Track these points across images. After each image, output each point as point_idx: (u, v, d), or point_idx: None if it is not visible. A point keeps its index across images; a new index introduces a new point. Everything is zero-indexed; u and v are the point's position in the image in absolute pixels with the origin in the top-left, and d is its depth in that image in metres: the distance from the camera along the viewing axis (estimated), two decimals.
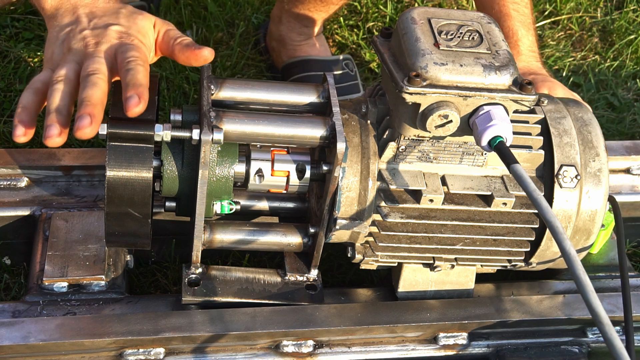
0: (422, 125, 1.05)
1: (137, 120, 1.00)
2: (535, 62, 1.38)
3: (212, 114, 1.04)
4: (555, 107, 1.19)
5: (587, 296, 0.87)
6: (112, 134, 1.00)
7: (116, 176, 1.01)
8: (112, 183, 1.02)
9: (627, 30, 1.99)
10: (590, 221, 1.16)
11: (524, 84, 1.04)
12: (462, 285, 1.22)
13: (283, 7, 1.69)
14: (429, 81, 1.02)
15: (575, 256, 0.90)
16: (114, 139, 1.00)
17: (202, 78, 1.09)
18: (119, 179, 1.01)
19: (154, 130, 1.01)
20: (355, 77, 1.73)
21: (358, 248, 1.16)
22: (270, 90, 1.12)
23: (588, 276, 0.89)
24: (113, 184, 1.02)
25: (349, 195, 1.11)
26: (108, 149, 1.00)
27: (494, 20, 1.12)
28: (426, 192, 1.10)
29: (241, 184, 1.12)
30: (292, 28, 1.71)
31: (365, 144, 1.11)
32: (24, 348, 1.08)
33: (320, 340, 1.16)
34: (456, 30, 1.07)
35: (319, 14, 1.67)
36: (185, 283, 1.16)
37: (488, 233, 1.15)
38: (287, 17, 1.70)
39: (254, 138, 1.08)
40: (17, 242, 1.31)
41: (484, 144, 1.01)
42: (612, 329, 0.86)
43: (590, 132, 1.17)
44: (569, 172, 1.14)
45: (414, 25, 1.07)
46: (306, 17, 1.68)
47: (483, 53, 1.05)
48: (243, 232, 1.16)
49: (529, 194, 0.96)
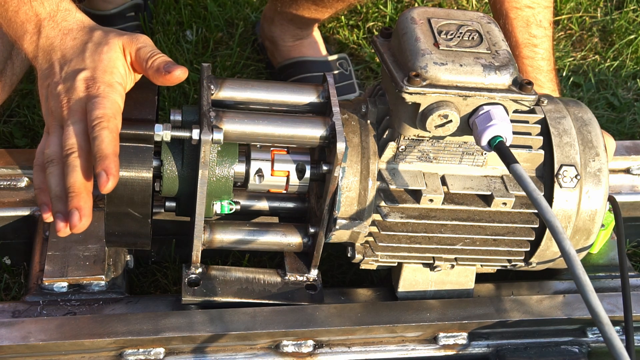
0: (422, 125, 1.05)
1: (137, 121, 1.00)
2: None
3: (212, 113, 1.04)
4: (555, 107, 1.19)
5: (587, 296, 0.87)
6: None
7: None
8: None
9: (627, 30, 1.99)
10: (590, 221, 1.16)
11: (524, 84, 1.04)
12: (462, 285, 1.22)
13: (276, 8, 1.66)
14: (428, 81, 1.02)
15: (575, 256, 0.90)
16: None
17: (202, 78, 1.09)
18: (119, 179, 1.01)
19: (154, 130, 1.01)
20: (350, 76, 1.73)
21: (358, 248, 1.16)
22: (270, 90, 1.12)
23: (588, 276, 0.89)
24: None
25: (348, 195, 1.11)
26: None
27: (494, 20, 1.12)
28: (426, 192, 1.10)
29: (241, 184, 1.12)
30: (285, 30, 1.69)
31: (365, 144, 1.11)
32: (24, 348, 1.08)
33: (320, 340, 1.16)
34: (456, 30, 1.08)
35: (312, 17, 1.64)
36: (185, 283, 1.16)
37: (488, 233, 1.15)
38: (280, 19, 1.68)
39: (254, 138, 1.08)
40: (17, 242, 1.31)
41: (483, 144, 1.01)
42: (612, 329, 0.86)
43: (590, 132, 1.17)
44: (569, 172, 1.14)
45: (414, 25, 1.07)
46: (299, 20, 1.65)
47: (483, 53, 1.05)
48: (243, 232, 1.16)
49: (529, 193, 0.96)
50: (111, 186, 0.92)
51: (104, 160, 0.92)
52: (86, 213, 0.94)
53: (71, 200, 0.93)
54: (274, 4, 1.66)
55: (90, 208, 0.94)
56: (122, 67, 1.00)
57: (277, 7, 1.65)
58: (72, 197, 0.93)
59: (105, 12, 1.75)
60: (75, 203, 0.93)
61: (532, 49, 1.33)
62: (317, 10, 1.61)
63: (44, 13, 1.01)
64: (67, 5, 1.03)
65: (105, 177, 0.92)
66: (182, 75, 1.00)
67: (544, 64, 1.33)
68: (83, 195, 0.94)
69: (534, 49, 1.33)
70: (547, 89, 1.31)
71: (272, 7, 1.68)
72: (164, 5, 1.87)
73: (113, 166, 0.92)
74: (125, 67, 1.01)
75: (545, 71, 1.33)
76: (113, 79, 0.98)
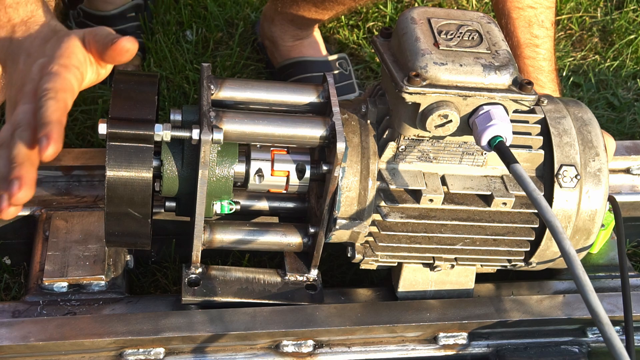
0: (422, 125, 1.05)
1: (136, 120, 1.00)
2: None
3: (212, 113, 1.04)
4: (555, 107, 1.19)
5: (587, 296, 0.87)
6: (112, 133, 1.00)
7: (116, 176, 1.01)
8: (112, 183, 1.01)
9: (627, 30, 1.99)
10: (590, 221, 1.16)
11: (524, 84, 1.04)
12: (462, 285, 1.22)
13: (276, 9, 1.66)
14: (428, 81, 1.02)
15: (575, 256, 0.90)
16: (114, 138, 1.00)
17: (202, 78, 1.09)
18: (118, 179, 1.01)
19: (153, 130, 1.01)
20: (350, 76, 1.73)
21: (358, 248, 1.16)
22: (270, 90, 1.12)
23: (588, 276, 0.89)
24: (113, 184, 1.01)
25: (348, 195, 1.11)
26: (108, 148, 1.00)
27: (494, 20, 1.12)
28: (426, 192, 1.10)
29: (241, 184, 1.12)
30: (285, 30, 1.69)
31: (365, 144, 1.11)
32: (24, 348, 1.08)
33: (320, 340, 1.16)
34: (456, 30, 1.07)
35: (312, 18, 1.64)
36: (185, 283, 1.16)
37: (488, 233, 1.15)
38: (280, 19, 1.67)
39: (253, 138, 1.08)
40: (17, 242, 1.31)
41: (483, 144, 1.01)
42: (612, 329, 0.86)
43: (590, 132, 1.17)
44: (569, 171, 1.14)
45: (414, 25, 1.07)
46: (300, 21, 1.65)
47: (483, 53, 1.05)
48: (243, 232, 1.16)
49: (529, 193, 0.96)
50: (52, 152, 0.86)
51: (45, 126, 0.87)
52: (27, 182, 0.87)
53: (13, 170, 0.88)
54: (274, 4, 1.66)
55: (33, 179, 0.88)
56: (80, 54, 0.96)
57: (277, 7, 1.65)
58: (14, 167, 0.88)
59: (106, 12, 1.75)
60: (16, 173, 0.88)
61: (533, 49, 1.33)
62: (318, 11, 1.60)
63: (17, 19, 0.99)
64: (41, 12, 1.00)
65: (45, 142, 0.85)
66: (131, 47, 0.94)
67: (545, 64, 1.33)
68: (26, 165, 0.88)
69: (536, 49, 1.33)
70: (548, 89, 1.31)
71: (273, 7, 1.68)
72: (164, 5, 1.87)
73: (55, 132, 0.86)
74: (85, 56, 0.97)
75: (547, 71, 1.33)
76: (69, 61, 0.95)
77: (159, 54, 1.76)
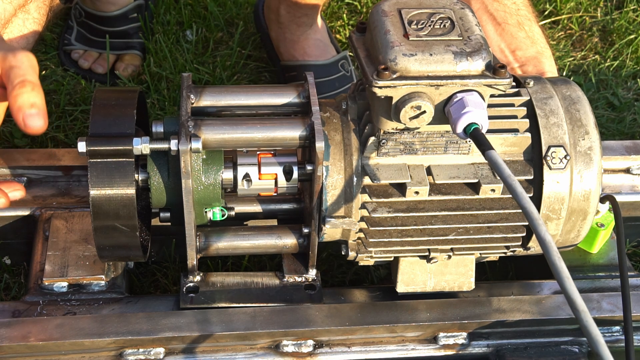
0: (396, 118, 1.03)
1: (115, 136, 1.01)
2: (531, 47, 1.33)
3: (191, 123, 1.04)
4: (542, 87, 1.17)
5: (563, 282, 0.85)
6: (91, 151, 1.01)
7: (100, 193, 1.02)
8: (97, 200, 1.03)
9: (627, 30, 1.99)
10: (584, 201, 1.14)
11: (497, 68, 1.02)
12: (462, 275, 1.20)
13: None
14: (399, 73, 1.01)
15: (551, 242, 0.88)
16: (94, 155, 1.01)
17: (182, 88, 1.09)
18: (102, 195, 1.03)
19: (132, 145, 1.02)
20: (351, 77, 1.73)
21: (351, 245, 1.16)
22: (251, 94, 1.11)
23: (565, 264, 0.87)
24: (97, 200, 1.03)
25: (334, 193, 1.10)
26: (89, 166, 1.01)
27: (468, 5, 1.09)
28: (410, 184, 1.09)
29: (231, 190, 1.12)
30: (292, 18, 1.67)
31: (347, 141, 1.11)
32: (24, 348, 1.08)
33: (320, 340, 1.16)
34: (427, 19, 1.06)
35: (311, 4, 1.62)
36: (183, 292, 1.16)
37: (480, 221, 1.14)
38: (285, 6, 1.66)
39: (234, 144, 1.07)
40: (17, 242, 1.31)
41: (459, 132, 1.00)
42: (589, 316, 0.84)
43: (578, 110, 1.15)
44: (558, 152, 1.12)
45: (384, 18, 1.05)
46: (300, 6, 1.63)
47: (454, 40, 1.03)
48: (238, 237, 1.16)
49: (504, 179, 0.94)
50: None
51: None
52: None
53: None
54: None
55: None
56: None
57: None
58: None
59: (108, 13, 1.75)
60: None
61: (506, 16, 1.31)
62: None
63: None
64: None
65: None
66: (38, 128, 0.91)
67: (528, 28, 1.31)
68: None
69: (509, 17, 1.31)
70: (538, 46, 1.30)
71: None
72: (164, 5, 1.87)
73: None
74: None
75: (533, 36, 1.31)
76: None
77: (159, 54, 1.76)
